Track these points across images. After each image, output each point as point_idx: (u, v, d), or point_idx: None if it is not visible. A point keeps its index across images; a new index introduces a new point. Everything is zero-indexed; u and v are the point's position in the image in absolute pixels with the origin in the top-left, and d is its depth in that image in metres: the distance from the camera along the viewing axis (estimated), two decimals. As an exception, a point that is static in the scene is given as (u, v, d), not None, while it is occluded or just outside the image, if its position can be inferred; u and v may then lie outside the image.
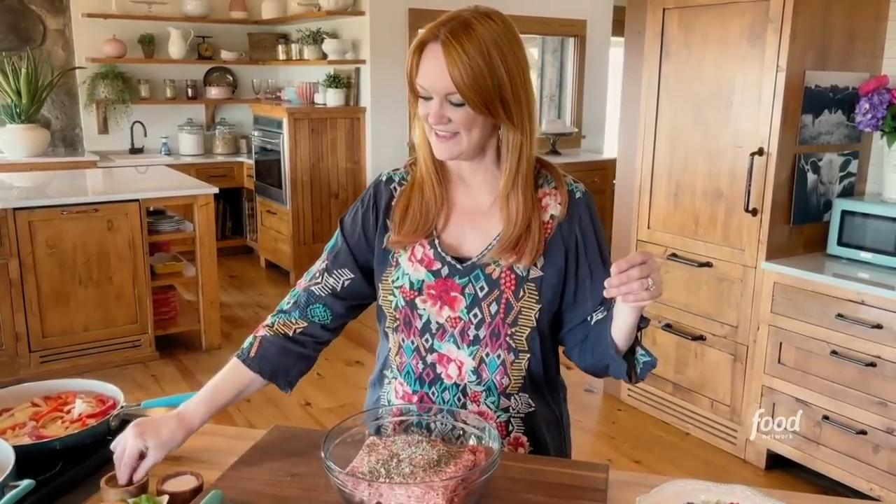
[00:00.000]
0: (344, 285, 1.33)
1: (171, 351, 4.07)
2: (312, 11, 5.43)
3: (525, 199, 1.25)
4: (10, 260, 3.52)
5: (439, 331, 1.28)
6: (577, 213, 1.29)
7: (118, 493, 1.11)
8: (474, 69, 1.14)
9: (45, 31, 5.51)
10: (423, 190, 1.30)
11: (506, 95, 1.17)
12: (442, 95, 1.17)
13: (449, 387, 1.30)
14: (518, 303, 1.25)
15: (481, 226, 1.28)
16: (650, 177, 3.30)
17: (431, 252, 1.28)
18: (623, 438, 3.28)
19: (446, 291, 1.27)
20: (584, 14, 6.25)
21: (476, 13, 1.19)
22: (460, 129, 1.19)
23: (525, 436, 1.32)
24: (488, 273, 1.26)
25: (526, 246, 1.24)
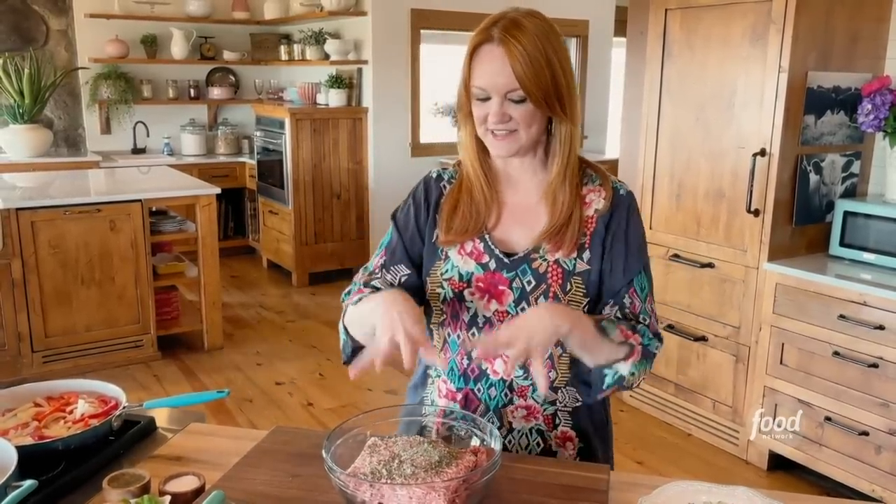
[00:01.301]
0: (401, 281, 1.33)
1: (173, 351, 4.08)
2: (314, 12, 5.44)
3: (570, 192, 1.27)
4: (12, 260, 3.53)
5: (486, 325, 1.28)
6: (620, 209, 1.29)
7: (121, 494, 1.11)
8: (534, 63, 1.16)
9: (47, 31, 5.52)
10: (472, 192, 1.31)
11: (560, 88, 1.20)
12: (502, 94, 1.19)
13: (495, 383, 1.29)
14: (566, 296, 1.25)
15: (529, 222, 1.29)
16: (652, 177, 3.30)
17: (482, 245, 1.29)
18: (625, 439, 3.28)
19: (494, 285, 1.27)
20: (586, 14, 6.25)
21: (520, 12, 1.21)
22: (520, 126, 1.21)
23: (573, 430, 1.31)
24: (535, 267, 1.26)
25: (566, 235, 1.25)
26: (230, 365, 3.99)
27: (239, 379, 3.79)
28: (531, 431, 1.31)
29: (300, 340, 4.36)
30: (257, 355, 4.13)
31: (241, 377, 3.82)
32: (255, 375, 3.85)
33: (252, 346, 4.27)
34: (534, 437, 1.31)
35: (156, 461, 1.29)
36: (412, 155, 5.67)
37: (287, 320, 4.67)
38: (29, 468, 1.11)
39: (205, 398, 1.52)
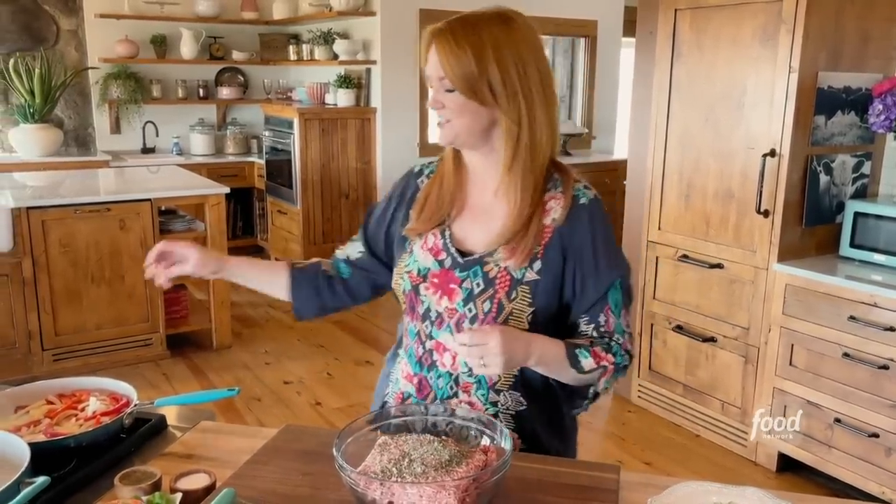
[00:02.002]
0: (357, 256, 1.47)
1: (181, 350, 4.09)
2: (323, 12, 5.45)
3: (524, 194, 1.28)
4: (23, 259, 3.55)
5: (438, 319, 1.33)
6: (578, 219, 1.29)
7: (132, 491, 1.11)
8: (461, 56, 1.22)
9: (58, 31, 5.55)
10: (442, 183, 1.38)
11: (494, 84, 1.23)
12: (437, 81, 1.26)
13: (443, 374, 1.34)
14: (510, 304, 1.28)
15: (486, 221, 1.33)
16: (661, 178, 3.30)
17: (440, 242, 1.34)
18: (633, 440, 3.27)
19: (447, 283, 1.32)
20: (594, 15, 6.24)
21: (489, 13, 1.27)
22: (452, 115, 1.26)
23: (516, 432, 1.32)
24: (486, 271, 1.29)
25: (521, 245, 1.27)
26: (238, 364, 4.00)
27: (247, 378, 3.81)
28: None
29: (308, 340, 4.37)
30: (266, 354, 4.14)
31: (250, 376, 3.84)
32: (264, 374, 3.86)
33: (260, 345, 4.28)
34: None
35: (167, 459, 1.29)
36: (420, 154, 5.67)
37: (295, 320, 4.68)
38: (41, 465, 1.12)
39: (215, 396, 1.53)
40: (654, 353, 3.43)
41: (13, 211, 3.51)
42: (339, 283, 1.47)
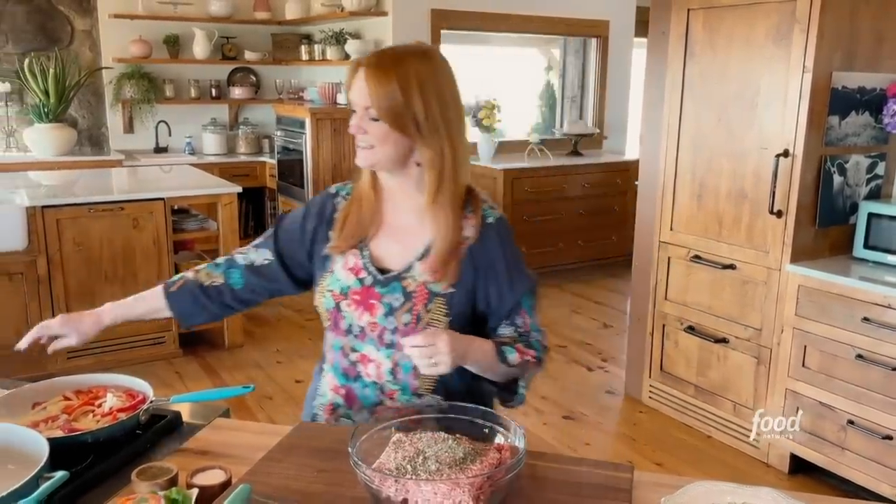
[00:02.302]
0: (262, 263, 1.52)
1: (194, 348, 4.11)
2: (335, 12, 5.46)
3: (455, 219, 1.39)
4: (38, 257, 3.58)
5: (360, 333, 1.43)
6: (488, 237, 1.41)
7: (149, 486, 1.13)
8: (389, 90, 1.31)
9: (72, 31, 5.59)
10: (361, 204, 1.46)
11: (419, 118, 1.33)
12: (363, 109, 1.35)
13: (369, 384, 1.44)
14: (427, 315, 1.38)
15: (405, 242, 1.42)
16: (673, 178, 3.29)
17: (360, 262, 1.43)
18: (644, 441, 3.27)
19: (367, 299, 1.41)
20: (606, 15, 6.23)
21: (412, 49, 1.38)
22: (375, 142, 1.35)
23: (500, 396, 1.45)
24: (405, 286, 1.40)
25: (449, 266, 1.38)
26: (250, 362, 4.02)
27: (259, 376, 3.82)
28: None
29: (320, 339, 4.37)
30: (277, 353, 4.16)
31: (262, 375, 3.85)
32: (275, 373, 3.88)
33: (272, 343, 4.30)
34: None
35: (182, 455, 1.31)
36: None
37: (307, 318, 4.69)
38: (58, 460, 1.13)
39: (230, 393, 1.54)
40: (666, 354, 3.43)
41: (28, 210, 3.54)
42: (227, 293, 1.53)
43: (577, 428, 3.39)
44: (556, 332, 4.62)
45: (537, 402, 3.62)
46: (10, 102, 5.40)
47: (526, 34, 6.20)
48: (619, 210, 5.99)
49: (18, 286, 3.56)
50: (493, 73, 6.36)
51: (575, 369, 4.06)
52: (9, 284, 3.54)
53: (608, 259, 5.98)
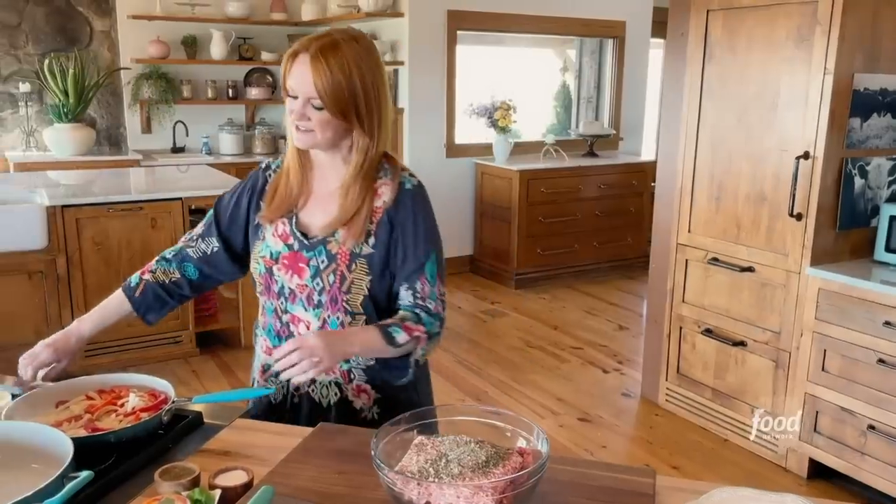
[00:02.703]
0: (213, 251, 1.60)
1: (210, 347, 4.14)
2: (352, 13, 5.47)
3: (361, 190, 1.48)
4: (57, 256, 3.61)
5: (291, 295, 1.52)
6: (403, 201, 1.50)
7: (172, 487, 1.13)
8: (334, 82, 1.37)
9: (91, 32, 5.63)
10: (290, 176, 1.54)
11: (360, 106, 1.41)
12: (305, 98, 1.40)
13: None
14: (351, 275, 1.48)
15: (328, 208, 1.51)
16: (691, 180, 3.27)
17: (288, 228, 1.52)
18: (660, 444, 3.25)
19: (296, 262, 1.50)
20: (623, 15, 6.20)
21: (345, 35, 1.43)
22: (316, 128, 1.42)
23: (368, 384, 1.53)
24: (329, 249, 1.48)
25: (355, 224, 1.47)
26: (266, 362, 4.03)
27: (275, 376, 3.83)
28: (330, 384, 1.54)
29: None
30: (293, 353, 4.16)
31: (277, 374, 3.86)
32: (291, 373, 3.89)
33: (287, 343, 4.30)
34: (332, 388, 1.54)
35: (204, 455, 1.31)
36: (447, 156, 5.69)
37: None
38: (81, 459, 1.14)
39: (251, 395, 1.55)
40: (683, 357, 3.41)
41: (48, 209, 3.57)
42: (185, 285, 1.62)
43: (592, 430, 3.37)
44: (570, 334, 4.61)
45: (553, 404, 3.61)
46: (30, 102, 5.46)
47: (542, 35, 6.19)
48: (635, 211, 5.96)
49: (38, 285, 3.59)
50: (509, 74, 6.35)
51: (590, 371, 4.05)
52: (28, 283, 3.58)
53: (624, 260, 5.96)
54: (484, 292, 5.46)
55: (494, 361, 4.15)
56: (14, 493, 1.01)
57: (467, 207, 5.87)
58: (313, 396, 1.55)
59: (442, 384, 3.84)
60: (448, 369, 4.03)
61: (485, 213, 5.80)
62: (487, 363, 4.12)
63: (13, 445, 1.19)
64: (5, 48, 5.38)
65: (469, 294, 5.41)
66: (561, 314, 5.00)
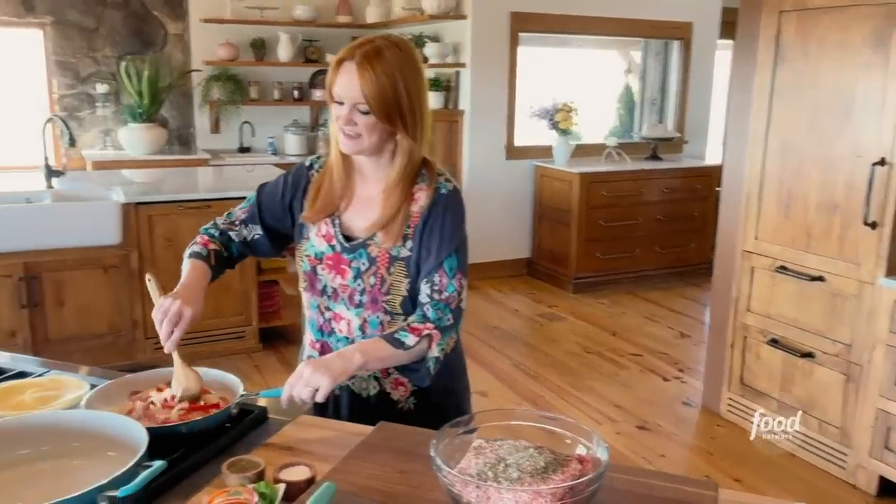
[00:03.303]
0: (253, 238, 1.66)
1: (272, 343, 4.23)
2: (415, 15, 5.52)
3: (401, 193, 1.53)
4: (131, 251, 3.76)
5: (333, 294, 1.59)
6: (438, 203, 1.54)
7: (238, 479, 1.17)
8: (380, 87, 1.42)
9: (165, 35, 5.84)
10: (332, 178, 1.59)
11: (403, 110, 1.46)
12: (352, 104, 1.45)
13: (341, 339, 1.60)
14: (390, 277, 1.54)
15: (370, 211, 1.56)
16: (759, 186, 3.19)
17: (332, 230, 1.58)
18: (721, 455, 3.18)
19: (339, 264, 1.57)
20: (689, 16, 6.08)
21: (388, 41, 1.47)
22: (363, 132, 1.47)
23: (403, 376, 1.57)
24: (369, 252, 1.54)
25: (393, 228, 1.52)
26: (326, 359, 4.10)
27: (334, 373, 3.89)
28: (370, 378, 1.60)
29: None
30: (352, 351, 4.23)
31: (337, 371, 3.92)
32: (350, 370, 3.95)
33: (347, 341, 4.37)
34: (372, 381, 1.60)
35: (268, 449, 1.35)
36: (507, 158, 5.68)
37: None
38: (152, 449, 1.18)
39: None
40: (747, 367, 3.32)
41: (123, 206, 3.72)
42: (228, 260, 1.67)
43: (651, 439, 3.32)
44: (630, 340, 4.54)
45: (610, 411, 3.58)
46: (107, 103, 5.69)
47: (606, 36, 6.12)
48: (698, 216, 5.84)
49: (112, 279, 3.74)
50: (570, 76, 6.30)
51: (650, 378, 3.99)
52: (104, 277, 3.73)
53: (686, 267, 5.84)
54: (541, 295, 5.43)
55: (551, 366, 4.13)
56: (92, 480, 1.06)
57: (526, 210, 5.85)
58: (354, 389, 1.62)
59: (497, 387, 3.84)
60: (503, 372, 4.03)
61: (543, 215, 5.77)
62: (544, 367, 4.10)
63: (91, 433, 1.25)
64: (84, 51, 5.62)
65: (526, 297, 5.40)
66: (620, 320, 4.94)
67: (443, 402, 1.64)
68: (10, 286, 3.52)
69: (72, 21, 5.53)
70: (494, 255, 5.69)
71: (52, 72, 5.59)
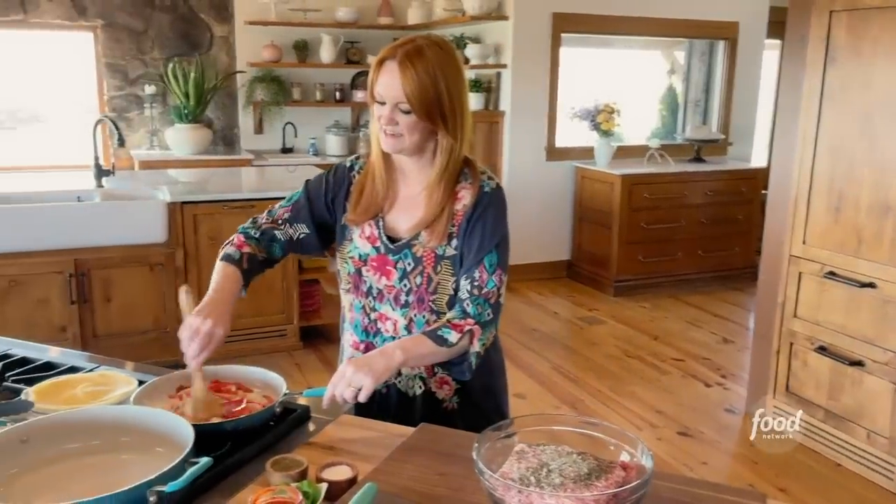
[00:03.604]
0: (300, 237, 1.66)
1: (313, 342, 4.27)
2: (457, 17, 5.53)
3: (444, 192, 1.53)
4: (176, 249, 3.83)
5: (379, 295, 1.60)
6: (482, 203, 1.55)
7: (282, 478, 1.18)
8: (421, 86, 1.43)
9: (211, 37, 5.94)
10: (374, 180, 1.60)
11: (444, 108, 1.47)
12: (393, 103, 1.46)
13: (387, 339, 1.60)
14: (437, 276, 1.55)
15: (413, 211, 1.57)
16: (808, 189, 3.11)
17: (376, 231, 1.59)
18: (766, 464, 3.11)
19: (384, 265, 1.57)
20: (736, 16, 5.97)
21: (428, 41, 1.48)
22: (405, 131, 1.48)
23: (449, 376, 1.59)
24: (414, 252, 1.55)
25: (437, 227, 1.53)
26: (365, 359, 4.13)
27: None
28: (415, 377, 1.61)
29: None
30: (391, 351, 4.24)
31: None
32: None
33: (386, 341, 4.39)
34: (417, 381, 1.61)
35: (310, 448, 1.36)
36: (547, 159, 5.65)
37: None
38: (198, 446, 1.20)
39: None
40: (793, 374, 3.25)
41: (169, 205, 3.79)
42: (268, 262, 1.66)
43: (693, 445, 3.27)
44: (672, 345, 4.48)
45: (651, 416, 3.53)
46: (154, 104, 5.81)
47: (649, 37, 6.05)
48: (743, 220, 5.74)
49: (158, 276, 3.82)
50: (612, 76, 6.24)
51: (692, 384, 3.92)
52: (150, 274, 3.81)
53: (730, 271, 5.74)
54: (581, 298, 5.39)
55: (591, 370, 4.09)
56: (140, 475, 1.08)
57: (566, 211, 5.81)
58: (400, 388, 1.63)
59: (536, 390, 3.82)
60: (543, 375, 4.00)
61: (584, 217, 5.72)
62: (584, 371, 4.07)
63: (140, 429, 1.28)
64: (133, 53, 5.75)
65: (565, 300, 5.36)
66: (662, 324, 4.87)
67: (483, 401, 1.65)
68: (62, 282, 3.62)
69: (121, 24, 5.66)
70: (533, 256, 5.66)
71: (102, 74, 5.73)
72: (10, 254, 3.52)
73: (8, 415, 1.34)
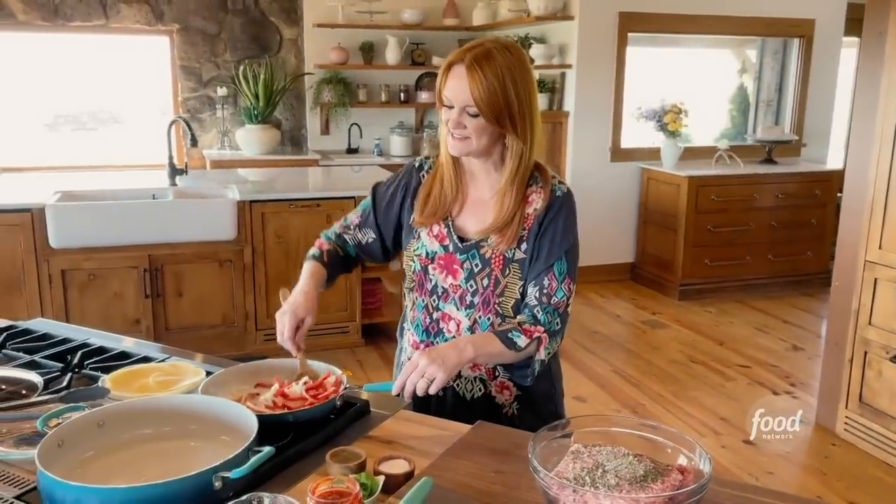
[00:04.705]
0: (368, 242, 1.71)
1: (374, 339, 4.34)
2: (522, 17, 5.51)
3: (516, 196, 1.53)
4: (245, 247, 3.94)
5: (444, 294, 1.60)
6: (553, 208, 1.55)
7: (341, 469, 1.21)
8: (490, 90, 1.43)
9: (281, 40, 6.09)
10: (443, 182, 1.60)
11: (513, 112, 1.46)
12: (461, 107, 1.47)
13: (449, 339, 1.59)
14: (505, 279, 1.55)
15: (482, 214, 1.57)
16: (885, 192, 2.99)
17: (445, 230, 1.59)
18: (836, 476, 3.01)
19: (451, 263, 1.58)
20: (812, 13, 5.77)
21: (497, 44, 1.48)
22: (472, 135, 1.48)
23: (510, 381, 1.60)
24: (482, 253, 1.56)
25: (508, 231, 1.53)
26: (425, 357, 4.16)
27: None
28: (475, 379, 1.62)
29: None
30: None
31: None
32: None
33: (446, 340, 4.42)
34: (477, 384, 1.62)
35: (369, 441, 1.39)
36: (611, 160, 5.58)
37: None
38: (262, 435, 1.24)
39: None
40: (867, 384, 3.13)
41: (238, 203, 3.91)
42: (349, 261, 1.75)
43: (758, 454, 3.18)
44: (738, 351, 4.37)
45: (715, 423, 3.45)
46: (225, 105, 5.99)
47: (720, 35, 5.90)
48: (816, 224, 5.54)
49: (227, 272, 3.94)
50: (680, 75, 6.11)
51: (758, 392, 3.82)
52: (219, 270, 3.93)
53: (802, 276, 5.55)
54: (644, 301, 5.30)
55: (653, 374, 4.03)
56: (206, 461, 1.12)
57: (630, 213, 5.72)
58: (458, 391, 1.63)
59: (596, 392, 3.78)
60: (603, 378, 3.96)
61: (649, 219, 5.63)
62: (646, 375, 4.01)
63: (207, 417, 1.33)
64: (207, 56, 5.94)
65: (628, 303, 5.28)
66: (728, 329, 4.75)
67: (543, 407, 1.64)
68: (137, 277, 3.77)
69: (196, 27, 5.86)
70: (597, 258, 5.60)
71: (177, 76, 5.95)
72: (89, 248, 3.69)
73: (86, 400, 1.42)
